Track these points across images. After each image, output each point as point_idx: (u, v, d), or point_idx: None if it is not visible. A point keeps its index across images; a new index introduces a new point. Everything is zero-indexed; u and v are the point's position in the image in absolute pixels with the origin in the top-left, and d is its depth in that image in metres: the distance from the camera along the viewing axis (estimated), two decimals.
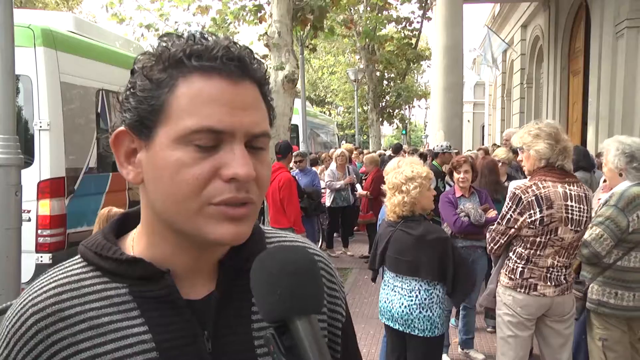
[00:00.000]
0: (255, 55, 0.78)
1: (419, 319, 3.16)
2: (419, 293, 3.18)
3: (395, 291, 3.28)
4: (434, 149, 8.74)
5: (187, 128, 0.70)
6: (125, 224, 0.87)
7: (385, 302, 3.34)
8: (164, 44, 0.74)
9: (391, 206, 3.30)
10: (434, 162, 7.52)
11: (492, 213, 4.52)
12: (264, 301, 0.67)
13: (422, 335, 3.15)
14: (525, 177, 4.15)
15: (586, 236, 3.09)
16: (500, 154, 5.88)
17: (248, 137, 0.73)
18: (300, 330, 0.64)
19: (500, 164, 5.59)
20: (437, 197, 4.96)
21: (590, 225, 3.12)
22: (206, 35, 0.75)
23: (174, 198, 0.72)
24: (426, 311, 3.16)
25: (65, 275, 0.79)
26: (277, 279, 0.66)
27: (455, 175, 4.62)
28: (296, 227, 5.72)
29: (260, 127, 0.75)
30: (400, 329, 3.23)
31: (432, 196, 3.33)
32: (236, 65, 0.73)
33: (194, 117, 0.70)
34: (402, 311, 3.19)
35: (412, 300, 3.18)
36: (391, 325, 3.29)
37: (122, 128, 0.76)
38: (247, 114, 0.73)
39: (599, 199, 3.56)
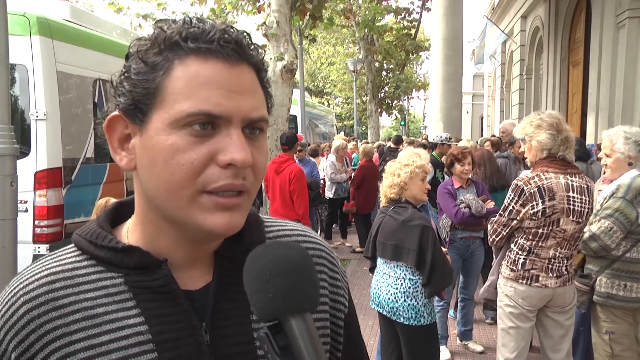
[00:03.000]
0: (253, 40, 0.75)
1: (403, 307, 3.18)
2: (404, 282, 3.21)
3: (384, 278, 3.33)
4: (433, 139, 8.74)
5: (183, 112, 0.68)
6: (119, 213, 0.85)
7: (375, 288, 3.39)
8: (160, 28, 0.72)
9: (382, 189, 3.41)
10: (433, 153, 7.51)
11: (490, 204, 4.51)
12: (257, 300, 0.65)
13: (407, 323, 3.18)
14: (526, 169, 4.14)
15: (594, 229, 3.07)
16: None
17: (245, 122, 0.71)
18: (295, 329, 0.63)
19: None
20: (436, 187, 4.98)
21: (598, 217, 3.10)
22: (202, 19, 0.73)
23: (167, 185, 0.70)
24: (411, 300, 3.18)
25: (58, 264, 0.77)
26: (269, 277, 0.64)
27: (459, 167, 4.58)
28: (304, 221, 5.60)
29: (258, 112, 0.73)
30: (388, 315, 3.27)
31: (426, 189, 3.35)
32: (233, 48, 0.71)
33: (190, 101, 0.68)
34: (389, 298, 3.24)
35: (397, 289, 3.22)
36: (380, 311, 3.34)
37: (115, 113, 0.74)
38: (245, 98, 0.71)
39: (600, 190, 3.53)
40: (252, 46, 0.74)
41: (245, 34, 0.74)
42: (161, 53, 0.70)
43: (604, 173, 3.61)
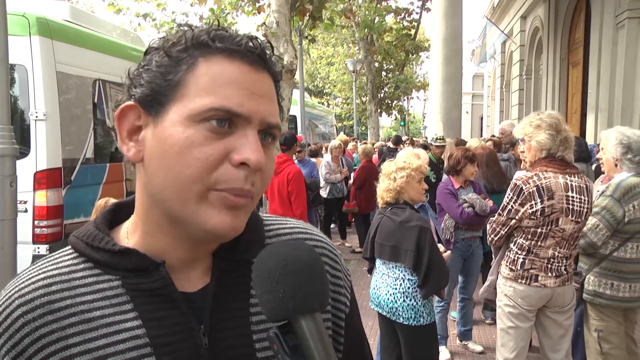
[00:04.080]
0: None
1: (402, 308, 3.18)
2: (403, 282, 3.21)
3: (383, 279, 3.33)
4: (426, 139, 8.77)
5: (204, 106, 0.68)
6: (118, 214, 0.84)
7: (374, 288, 3.39)
8: (188, 27, 0.74)
9: (379, 191, 3.40)
10: (428, 154, 7.54)
11: (489, 203, 4.52)
12: (266, 300, 0.64)
13: (407, 323, 3.18)
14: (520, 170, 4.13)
15: None
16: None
17: (263, 125, 0.72)
18: (305, 329, 0.63)
19: None
20: (428, 187, 4.97)
21: None
22: (225, 28, 0.75)
23: (178, 177, 0.69)
24: (410, 300, 3.18)
25: (55, 266, 0.76)
26: (279, 277, 0.64)
27: (471, 169, 4.57)
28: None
29: (276, 118, 0.74)
30: (387, 315, 3.27)
31: (424, 189, 3.35)
32: (259, 54, 0.73)
33: (212, 97, 0.69)
34: (388, 299, 3.24)
35: (396, 289, 3.22)
36: (379, 311, 3.34)
37: (130, 102, 0.74)
38: (264, 102, 0.72)
39: (598, 190, 3.55)
40: (274, 57, 0.76)
41: (268, 44, 0.76)
42: (187, 50, 0.71)
43: (603, 173, 3.64)
